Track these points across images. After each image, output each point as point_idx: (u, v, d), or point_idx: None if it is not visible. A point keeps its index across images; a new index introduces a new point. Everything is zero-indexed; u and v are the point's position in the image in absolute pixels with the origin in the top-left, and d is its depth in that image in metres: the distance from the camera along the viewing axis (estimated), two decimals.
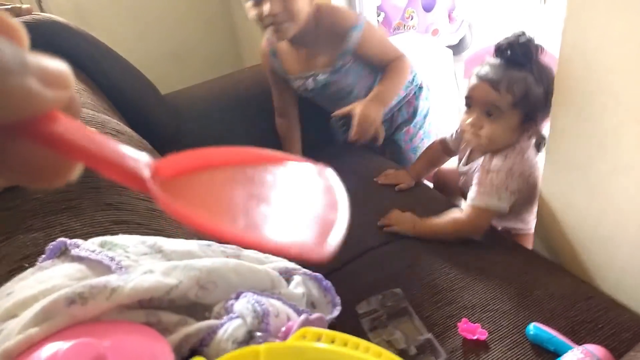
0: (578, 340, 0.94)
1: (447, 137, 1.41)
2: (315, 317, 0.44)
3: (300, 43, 1.40)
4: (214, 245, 0.57)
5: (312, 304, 0.56)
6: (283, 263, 0.59)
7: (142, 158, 0.24)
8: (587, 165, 1.05)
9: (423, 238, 1.24)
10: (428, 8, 2.82)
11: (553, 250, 1.22)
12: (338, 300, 0.58)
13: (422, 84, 1.62)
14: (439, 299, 1.07)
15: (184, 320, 0.45)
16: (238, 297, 0.47)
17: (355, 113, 1.29)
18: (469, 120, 1.19)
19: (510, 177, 1.17)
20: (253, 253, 0.59)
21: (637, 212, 0.99)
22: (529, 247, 1.29)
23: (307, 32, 1.34)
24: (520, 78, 1.13)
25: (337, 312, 0.56)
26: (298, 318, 0.43)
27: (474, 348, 0.95)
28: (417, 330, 0.97)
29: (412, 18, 3.05)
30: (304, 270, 0.59)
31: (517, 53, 1.14)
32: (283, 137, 1.60)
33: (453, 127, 1.40)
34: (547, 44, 1.82)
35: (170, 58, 2.54)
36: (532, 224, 1.33)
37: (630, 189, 0.99)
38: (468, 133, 1.21)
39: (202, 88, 1.67)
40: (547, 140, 1.13)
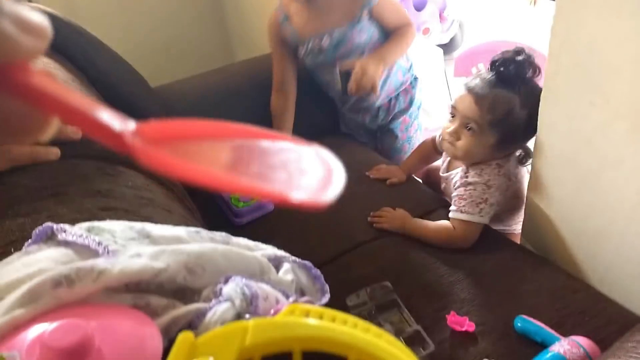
0: (565, 333, 0.94)
1: (436, 136, 1.42)
2: (305, 299, 0.44)
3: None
4: (203, 232, 0.56)
5: (301, 291, 0.56)
6: (272, 250, 0.59)
7: (122, 119, 0.23)
8: (575, 161, 1.06)
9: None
10: (419, 7, 2.82)
11: (541, 245, 1.23)
12: (327, 288, 0.58)
13: (417, 76, 1.66)
14: (428, 293, 1.08)
15: (173, 304, 0.45)
16: (227, 281, 0.47)
17: (356, 67, 1.34)
18: (449, 130, 1.20)
19: (488, 190, 1.18)
20: (242, 240, 0.59)
21: (625, 207, 1.00)
22: (517, 241, 1.30)
23: None
24: (505, 99, 1.12)
25: (325, 299, 0.56)
26: (287, 301, 0.43)
27: (462, 340, 0.95)
28: (405, 322, 0.97)
29: None
30: (293, 258, 0.59)
31: (509, 71, 1.13)
32: (276, 113, 1.59)
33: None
34: (536, 43, 1.83)
35: (161, 51, 2.52)
36: (516, 227, 1.34)
37: (618, 184, 1.00)
38: (446, 142, 1.23)
39: (192, 81, 1.66)
40: (536, 136, 1.14)
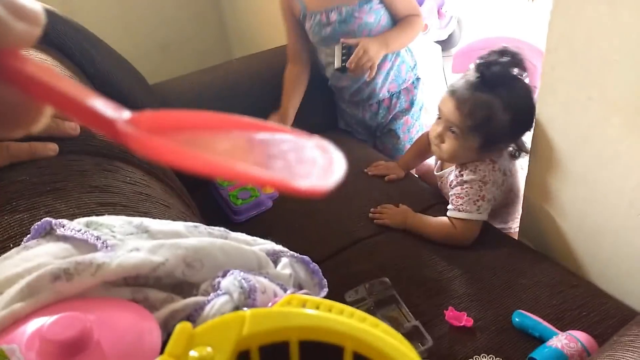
0: (563, 327, 0.95)
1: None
2: (303, 292, 0.44)
3: None
4: (201, 227, 0.57)
5: (299, 286, 0.56)
6: (270, 245, 0.59)
7: (116, 107, 0.22)
8: (572, 156, 1.07)
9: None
10: (417, 4, 2.83)
11: (539, 240, 1.24)
12: (325, 282, 0.58)
13: (419, 76, 1.66)
14: (427, 289, 1.08)
15: (171, 298, 0.45)
16: (225, 275, 0.47)
17: (359, 43, 1.36)
18: (434, 133, 1.21)
19: (484, 187, 1.18)
20: (240, 235, 0.59)
21: (622, 202, 1.00)
22: (514, 236, 1.31)
23: None
24: (485, 104, 1.11)
25: (323, 293, 0.56)
26: (285, 294, 0.43)
27: (461, 335, 0.96)
28: (404, 318, 0.98)
29: None
30: (292, 253, 0.59)
31: (492, 74, 1.12)
32: (289, 84, 1.59)
33: None
34: (534, 39, 1.83)
35: (159, 49, 2.52)
36: (513, 225, 1.34)
37: (615, 180, 1.00)
38: (432, 144, 1.24)
39: (190, 79, 1.66)
40: (532, 132, 1.14)
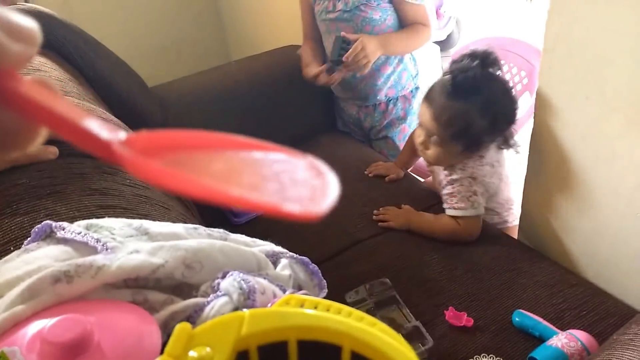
0: (563, 327, 0.95)
1: None
2: (302, 292, 0.44)
3: None
4: (200, 229, 0.57)
5: (298, 287, 0.56)
6: (270, 246, 0.59)
7: (112, 128, 0.22)
8: (570, 156, 1.07)
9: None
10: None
11: (538, 240, 1.24)
12: (324, 283, 0.58)
13: (419, 86, 1.64)
14: (427, 289, 1.08)
15: (171, 299, 0.45)
16: (224, 276, 0.47)
17: (358, 39, 1.37)
18: (419, 140, 1.21)
19: (474, 182, 1.17)
20: (240, 237, 0.60)
21: (620, 201, 1.01)
22: (514, 236, 1.31)
23: None
24: (461, 113, 1.10)
25: (323, 294, 0.56)
26: (284, 295, 0.44)
27: (461, 335, 0.96)
28: (404, 318, 0.98)
29: None
30: (291, 254, 0.60)
31: (465, 81, 1.10)
32: (305, 60, 1.60)
33: None
34: (532, 39, 1.82)
35: (158, 51, 2.52)
36: (509, 217, 1.33)
37: (613, 179, 1.00)
38: (418, 149, 1.24)
39: (189, 81, 1.66)
40: (531, 131, 1.14)
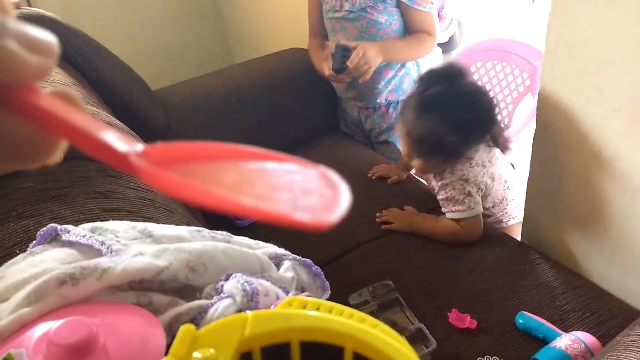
0: (566, 329, 0.95)
1: None
2: (305, 294, 0.45)
3: None
4: (204, 231, 0.57)
5: (301, 288, 0.57)
6: (273, 249, 0.60)
7: (128, 140, 0.22)
8: (572, 157, 1.07)
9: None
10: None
11: (541, 241, 1.24)
12: (327, 285, 0.58)
13: None
14: (430, 291, 1.08)
15: (175, 302, 0.46)
16: (228, 278, 0.47)
17: (358, 46, 1.37)
18: (403, 152, 1.23)
19: (466, 184, 1.17)
20: (243, 239, 0.60)
21: (622, 203, 1.01)
22: (515, 237, 1.31)
23: None
24: (430, 130, 1.11)
25: (326, 295, 0.57)
26: (287, 297, 0.44)
27: (464, 337, 0.96)
28: (407, 320, 0.98)
29: None
30: (294, 256, 0.60)
31: (432, 99, 1.11)
32: (313, 51, 1.61)
33: None
34: (534, 41, 1.82)
35: (161, 54, 2.53)
36: (503, 217, 1.33)
37: (615, 180, 1.00)
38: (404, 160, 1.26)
39: (192, 84, 1.67)
40: (534, 132, 1.14)
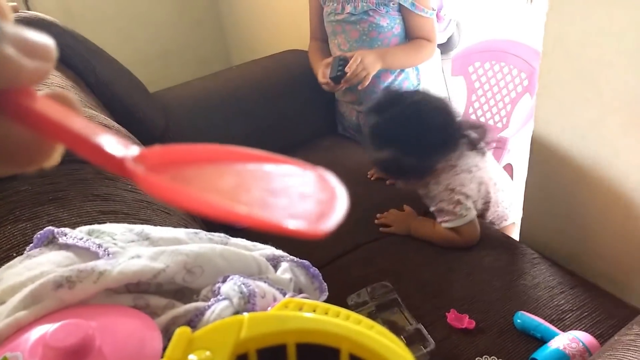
0: (564, 328, 0.95)
1: None
2: (302, 296, 0.45)
3: None
4: (201, 233, 0.57)
5: (299, 290, 0.57)
6: (270, 250, 0.60)
7: (125, 144, 0.22)
8: (570, 157, 1.07)
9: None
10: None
11: (539, 241, 1.24)
12: (325, 287, 0.58)
13: None
14: (428, 291, 1.08)
15: (172, 304, 0.46)
16: (225, 280, 0.47)
17: (356, 53, 1.37)
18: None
19: (453, 193, 1.17)
20: (240, 241, 0.60)
21: (619, 203, 1.01)
22: (512, 236, 1.31)
23: None
24: (388, 159, 1.12)
25: (324, 297, 0.57)
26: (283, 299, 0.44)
27: (463, 337, 0.96)
28: (406, 321, 0.98)
29: None
30: (292, 258, 0.60)
31: (379, 131, 1.12)
32: (313, 55, 1.62)
33: None
34: (533, 41, 1.82)
35: (159, 57, 2.53)
36: (496, 221, 1.32)
37: (613, 180, 1.01)
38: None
39: (190, 86, 1.67)
40: (532, 133, 1.15)
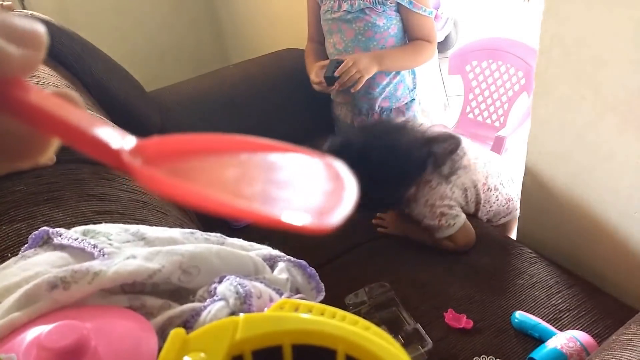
0: (562, 328, 0.95)
1: None
2: (299, 296, 0.45)
3: None
4: (197, 233, 0.57)
5: (296, 290, 0.56)
6: (267, 250, 0.59)
7: (122, 135, 0.21)
8: (567, 156, 1.07)
9: None
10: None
11: (536, 241, 1.24)
12: (322, 287, 0.58)
13: (416, 98, 1.60)
14: (426, 291, 1.08)
15: (168, 305, 0.45)
16: (221, 280, 0.47)
17: (348, 57, 1.35)
18: None
19: (434, 208, 1.17)
20: (237, 241, 0.60)
21: (618, 201, 1.01)
22: (508, 234, 1.31)
23: None
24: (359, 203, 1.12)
25: (320, 297, 0.56)
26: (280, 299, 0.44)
27: (460, 336, 0.96)
28: (404, 321, 0.98)
29: None
30: (288, 258, 0.60)
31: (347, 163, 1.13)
32: (309, 57, 1.59)
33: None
34: (530, 40, 1.82)
35: (155, 55, 2.52)
36: (491, 218, 1.32)
37: (610, 178, 1.01)
38: None
39: (187, 85, 1.66)
40: (529, 132, 1.14)
